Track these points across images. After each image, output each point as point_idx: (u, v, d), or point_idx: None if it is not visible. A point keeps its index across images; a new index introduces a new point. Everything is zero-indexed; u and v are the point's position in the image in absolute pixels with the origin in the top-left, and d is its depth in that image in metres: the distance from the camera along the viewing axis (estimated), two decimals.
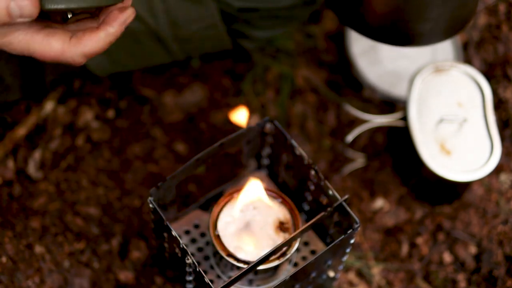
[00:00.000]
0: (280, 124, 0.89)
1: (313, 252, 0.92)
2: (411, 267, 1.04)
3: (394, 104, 1.16)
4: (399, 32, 0.87)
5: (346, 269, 1.02)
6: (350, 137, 1.06)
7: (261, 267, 0.81)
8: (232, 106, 1.14)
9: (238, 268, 0.82)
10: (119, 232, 1.02)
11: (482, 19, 1.22)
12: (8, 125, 1.09)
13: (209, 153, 0.84)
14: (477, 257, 1.04)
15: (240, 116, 0.88)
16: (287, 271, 0.89)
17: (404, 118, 1.02)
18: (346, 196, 0.81)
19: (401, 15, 0.83)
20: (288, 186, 0.93)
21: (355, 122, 1.13)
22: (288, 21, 1.03)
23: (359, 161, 1.11)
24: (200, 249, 0.91)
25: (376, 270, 1.03)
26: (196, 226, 0.93)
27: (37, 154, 1.07)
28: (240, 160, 1.07)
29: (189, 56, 1.05)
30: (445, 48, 1.19)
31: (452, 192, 1.06)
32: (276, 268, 0.83)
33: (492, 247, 1.04)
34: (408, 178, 1.09)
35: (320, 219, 0.81)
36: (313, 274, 0.85)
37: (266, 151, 0.93)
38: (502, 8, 1.23)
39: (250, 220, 0.86)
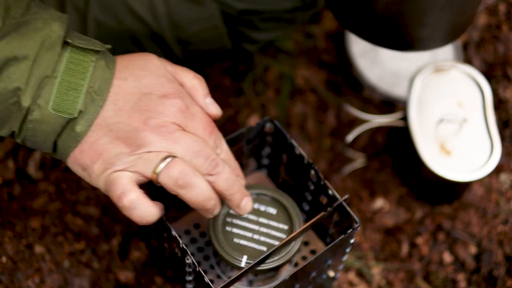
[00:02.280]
0: (280, 124, 0.89)
1: (313, 252, 0.92)
2: (411, 267, 1.04)
3: (394, 104, 1.16)
4: (398, 36, 0.87)
5: (346, 269, 1.02)
6: (350, 137, 1.06)
7: (261, 267, 0.81)
8: (232, 106, 1.14)
9: (238, 268, 0.82)
10: (119, 232, 1.02)
11: (482, 19, 1.22)
12: None
13: None
14: (477, 257, 1.04)
15: None
16: (287, 272, 0.89)
17: (404, 118, 1.02)
18: (346, 196, 0.81)
19: (400, 19, 0.83)
20: (288, 186, 0.93)
21: (355, 122, 1.13)
22: (289, 23, 1.03)
23: (359, 161, 1.11)
24: (200, 249, 0.91)
25: (376, 270, 1.03)
26: (196, 226, 0.93)
27: (37, 154, 1.07)
28: (240, 160, 1.07)
29: (190, 57, 1.05)
30: (445, 48, 1.19)
31: (452, 192, 1.06)
32: (276, 269, 0.83)
33: (492, 247, 1.04)
34: (408, 178, 1.09)
35: (320, 219, 0.81)
36: (313, 274, 0.85)
37: (266, 151, 0.93)
38: (502, 8, 1.23)
39: None
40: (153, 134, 0.69)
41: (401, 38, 0.87)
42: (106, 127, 0.69)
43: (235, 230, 0.83)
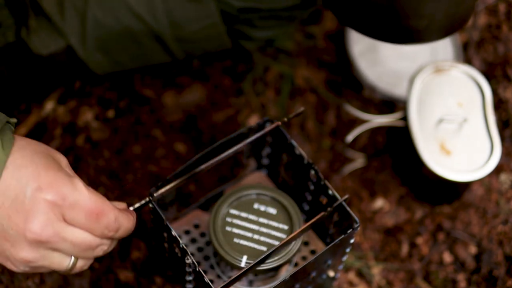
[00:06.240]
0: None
1: (313, 252, 0.92)
2: (411, 267, 1.04)
3: (394, 104, 1.16)
4: (396, 28, 0.86)
5: (346, 269, 1.02)
6: (350, 137, 1.06)
7: (261, 267, 0.81)
8: (232, 106, 1.14)
9: (238, 268, 0.82)
10: None
11: (482, 19, 1.22)
12: None
13: (209, 153, 0.84)
14: (477, 257, 1.04)
15: None
16: (287, 272, 0.89)
17: (404, 118, 1.02)
18: (346, 196, 0.81)
19: (397, 10, 0.83)
20: (288, 186, 0.93)
21: (355, 122, 1.13)
22: (289, 21, 1.03)
23: (359, 161, 1.11)
24: (200, 249, 0.91)
25: (376, 270, 1.03)
26: (196, 226, 0.93)
27: None
28: (240, 160, 1.07)
29: (189, 55, 1.05)
30: (445, 48, 1.19)
31: (452, 192, 1.06)
32: (276, 269, 0.83)
33: (492, 247, 1.04)
34: (408, 178, 1.09)
35: (320, 219, 0.81)
36: (313, 274, 0.85)
37: (266, 151, 0.93)
38: (502, 8, 1.23)
39: None
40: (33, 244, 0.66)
41: (399, 30, 0.87)
42: None
43: (235, 230, 0.83)
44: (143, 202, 0.78)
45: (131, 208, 0.75)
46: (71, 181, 0.66)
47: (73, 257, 0.68)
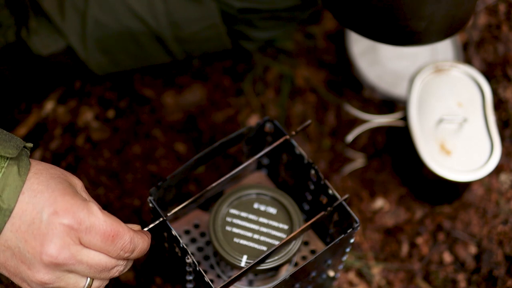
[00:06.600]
0: (280, 124, 0.89)
1: (313, 251, 0.92)
2: (411, 267, 1.04)
3: (394, 104, 1.16)
4: (395, 30, 0.86)
5: (346, 269, 1.02)
6: (350, 137, 1.06)
7: (261, 267, 0.81)
8: (232, 106, 1.14)
9: (238, 267, 0.82)
10: None
11: (482, 19, 1.22)
12: (9, 125, 1.09)
13: (209, 153, 0.84)
14: (477, 257, 1.04)
15: None
16: (287, 271, 0.89)
17: (404, 118, 1.02)
18: (346, 196, 0.81)
19: (396, 12, 0.83)
20: (288, 186, 0.93)
21: (355, 122, 1.13)
22: (289, 22, 1.03)
23: (359, 161, 1.11)
24: (200, 249, 0.91)
25: (376, 270, 1.03)
26: (196, 226, 0.93)
27: (37, 154, 1.07)
28: (240, 160, 1.07)
29: (189, 56, 1.05)
30: (445, 48, 1.19)
31: (452, 192, 1.06)
32: (276, 268, 0.83)
33: (492, 247, 1.04)
34: (408, 178, 1.09)
35: (320, 218, 0.81)
36: (313, 274, 0.85)
37: (266, 151, 0.93)
38: (502, 8, 1.23)
39: None
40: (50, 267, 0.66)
41: (398, 32, 0.87)
42: (9, 249, 0.66)
43: (235, 230, 0.83)
44: (156, 222, 0.78)
45: (145, 229, 0.76)
46: (86, 206, 0.67)
47: (88, 278, 0.68)
